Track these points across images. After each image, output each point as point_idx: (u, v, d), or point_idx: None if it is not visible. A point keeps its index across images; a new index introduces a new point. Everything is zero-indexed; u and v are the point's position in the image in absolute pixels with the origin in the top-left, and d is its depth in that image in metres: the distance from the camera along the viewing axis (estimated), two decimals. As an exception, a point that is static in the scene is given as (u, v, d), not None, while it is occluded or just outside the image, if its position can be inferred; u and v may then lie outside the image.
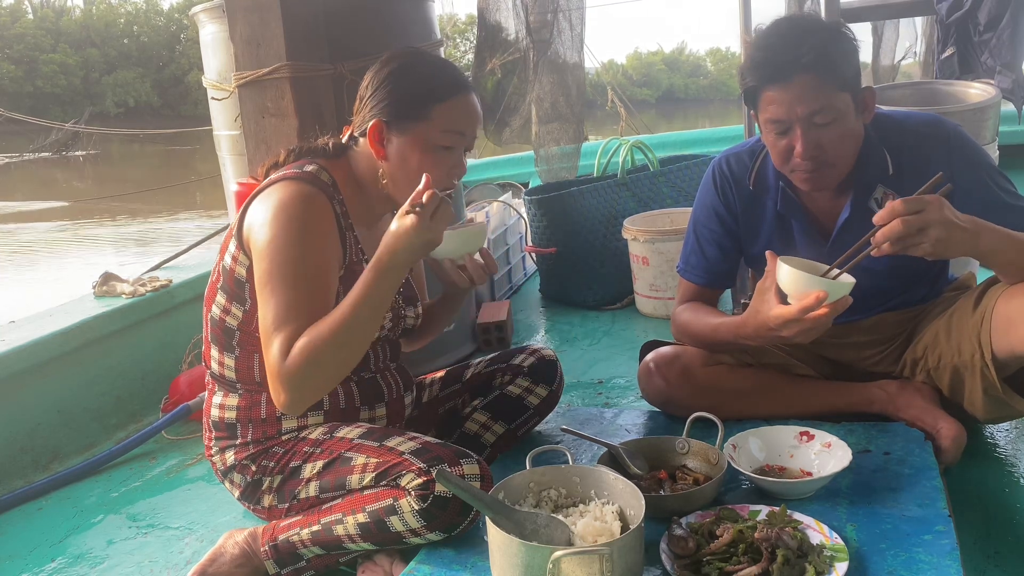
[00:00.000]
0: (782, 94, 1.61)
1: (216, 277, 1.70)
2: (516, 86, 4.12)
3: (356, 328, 1.46)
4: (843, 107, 1.62)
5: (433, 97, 1.60)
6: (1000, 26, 3.45)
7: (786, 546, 1.28)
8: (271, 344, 1.47)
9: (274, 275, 1.50)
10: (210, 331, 1.72)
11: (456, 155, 1.64)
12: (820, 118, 1.61)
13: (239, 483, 1.70)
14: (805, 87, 1.59)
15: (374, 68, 1.67)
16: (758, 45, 1.66)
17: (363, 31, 2.49)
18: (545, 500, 1.48)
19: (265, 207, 1.56)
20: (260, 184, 1.64)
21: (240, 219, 1.62)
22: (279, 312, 1.48)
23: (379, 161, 1.64)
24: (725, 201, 1.92)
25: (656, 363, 1.95)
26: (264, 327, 1.49)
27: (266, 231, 1.53)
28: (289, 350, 1.44)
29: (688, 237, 2.00)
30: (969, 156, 1.74)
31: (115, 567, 1.81)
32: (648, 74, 44.31)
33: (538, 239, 3.47)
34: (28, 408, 2.36)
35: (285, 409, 1.49)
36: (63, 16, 37.81)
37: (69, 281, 7.13)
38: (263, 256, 1.52)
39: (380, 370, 1.78)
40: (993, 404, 1.75)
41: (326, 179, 1.63)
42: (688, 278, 2.00)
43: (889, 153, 1.74)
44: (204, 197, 13.00)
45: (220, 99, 2.76)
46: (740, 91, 1.73)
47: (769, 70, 1.62)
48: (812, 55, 1.58)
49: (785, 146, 1.67)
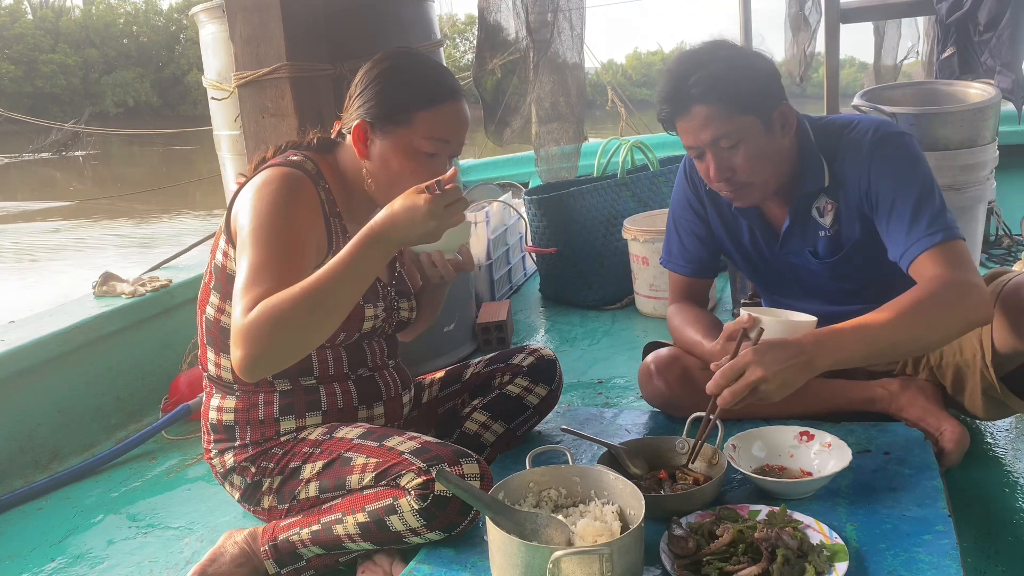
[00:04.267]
0: (684, 124, 1.70)
1: (208, 278, 1.70)
2: (516, 86, 4.12)
3: (334, 292, 1.38)
4: (747, 129, 1.66)
5: (417, 103, 1.59)
6: (1000, 26, 3.46)
7: (786, 546, 1.28)
8: (237, 304, 1.40)
9: (249, 239, 1.48)
10: (205, 333, 1.72)
11: (439, 161, 1.63)
12: (724, 142, 1.67)
13: (239, 485, 1.70)
14: (701, 117, 1.66)
15: (365, 67, 1.67)
16: (663, 78, 1.72)
17: (363, 31, 2.49)
18: (545, 500, 1.47)
19: (247, 191, 1.58)
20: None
21: (227, 214, 1.63)
22: (250, 273, 1.43)
23: (362, 161, 1.65)
24: (696, 193, 1.99)
25: (656, 365, 1.95)
26: (235, 289, 1.44)
27: (247, 207, 1.54)
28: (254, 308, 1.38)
29: (668, 228, 2.08)
30: (887, 164, 1.69)
31: (115, 567, 1.81)
32: (648, 74, 44.24)
33: (538, 239, 3.47)
34: (28, 408, 2.36)
35: (240, 368, 1.37)
36: (62, 16, 37.81)
37: (69, 281, 7.14)
38: (241, 229, 1.52)
39: (378, 368, 1.78)
40: (992, 404, 1.76)
41: (310, 167, 1.64)
42: (672, 269, 2.07)
43: (827, 161, 1.76)
44: (204, 197, 13.00)
45: (220, 99, 2.76)
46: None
47: (668, 105, 1.70)
48: (701, 86, 1.64)
49: (704, 169, 1.74)
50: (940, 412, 1.78)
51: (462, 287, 2.95)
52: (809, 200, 1.80)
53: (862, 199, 1.73)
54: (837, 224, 1.80)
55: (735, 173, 1.70)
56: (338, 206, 1.67)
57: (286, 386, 1.68)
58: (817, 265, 1.85)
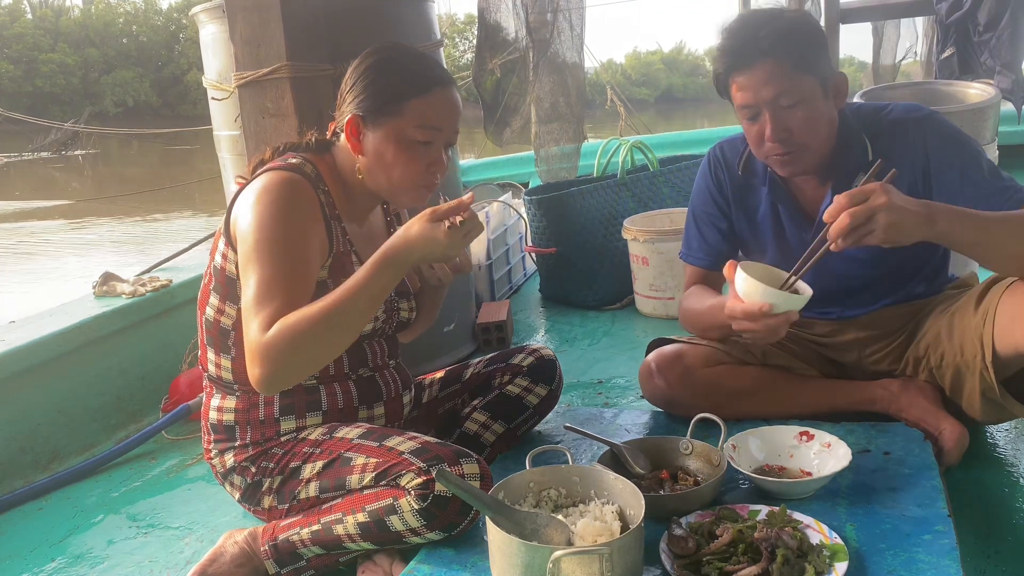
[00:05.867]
0: (747, 79, 1.67)
1: (208, 279, 1.70)
2: (516, 86, 4.12)
3: (349, 312, 1.44)
4: (808, 90, 1.66)
5: (407, 91, 1.60)
6: (1000, 26, 3.46)
7: (786, 546, 1.29)
8: (251, 321, 1.45)
9: (255, 253, 1.50)
10: (205, 334, 1.72)
11: (434, 150, 1.63)
12: (785, 100, 1.65)
13: (239, 485, 1.70)
14: (767, 71, 1.64)
15: (354, 64, 1.67)
16: (724, 34, 1.71)
17: (363, 31, 2.49)
18: (545, 500, 1.48)
19: (248, 196, 1.58)
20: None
21: (227, 216, 1.64)
22: (260, 289, 1.47)
23: (356, 156, 1.65)
24: (718, 185, 1.97)
25: (657, 364, 1.95)
26: (245, 304, 1.48)
27: (248, 214, 1.54)
28: (271, 326, 1.42)
29: (688, 223, 2.05)
30: (945, 136, 1.74)
31: (115, 567, 1.81)
32: (647, 74, 44.24)
33: (538, 239, 3.47)
34: (28, 408, 2.36)
35: (259, 384, 1.44)
36: (62, 16, 37.78)
37: (69, 281, 7.14)
38: (245, 238, 1.53)
39: (378, 368, 1.78)
40: (990, 407, 1.75)
41: (309, 170, 1.64)
42: (690, 262, 2.04)
43: (869, 140, 1.77)
44: (203, 197, 13.00)
45: (220, 99, 2.75)
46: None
47: (732, 57, 1.68)
48: (770, 40, 1.63)
49: (757, 131, 1.71)
50: (940, 412, 1.78)
51: (462, 287, 2.95)
52: (850, 178, 1.77)
53: (917, 176, 1.73)
54: None
55: (791, 134, 1.68)
56: (337, 208, 1.67)
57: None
58: (855, 249, 1.83)
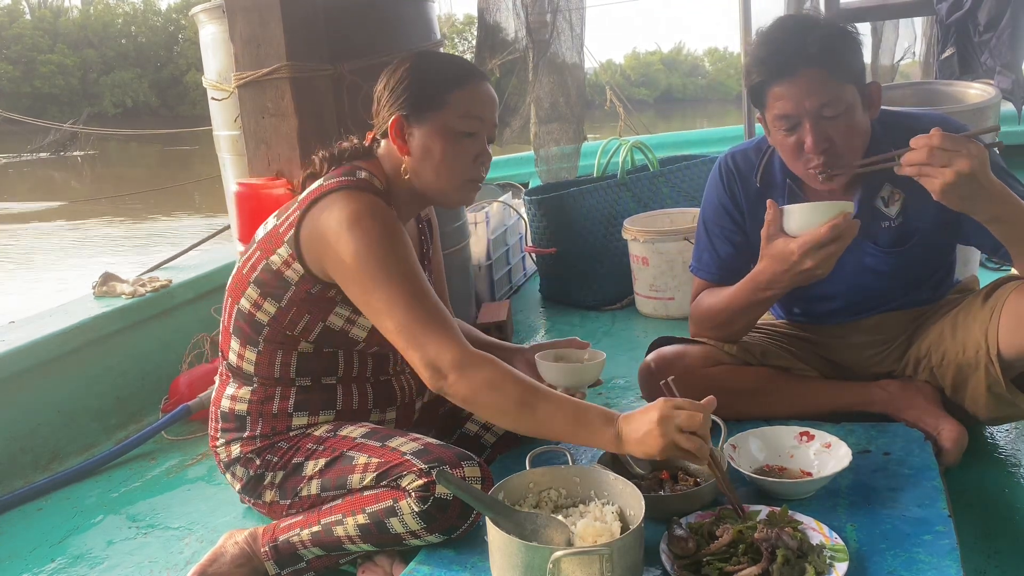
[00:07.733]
0: (789, 88, 1.62)
1: (249, 271, 1.66)
2: (515, 86, 4.12)
3: (543, 424, 1.48)
4: (850, 100, 1.63)
5: (449, 84, 1.62)
6: (1000, 26, 3.46)
7: (786, 546, 1.29)
8: (420, 359, 1.47)
9: (383, 293, 1.49)
10: (233, 322, 1.70)
11: (479, 142, 1.65)
12: (829, 111, 1.61)
13: (241, 476, 1.70)
14: (812, 80, 1.60)
15: (388, 70, 1.68)
16: (762, 42, 1.67)
17: (363, 31, 2.49)
18: (545, 500, 1.48)
19: (338, 223, 1.53)
20: (308, 192, 1.63)
21: (295, 223, 1.59)
22: (414, 327, 1.48)
23: (403, 157, 1.65)
24: (732, 197, 1.91)
25: (657, 364, 1.95)
26: (404, 339, 1.48)
27: (350, 248, 1.50)
28: (459, 361, 1.45)
29: (699, 236, 1.99)
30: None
31: (115, 567, 1.81)
32: (646, 74, 44.27)
33: (538, 239, 3.47)
34: (28, 408, 2.36)
35: (453, 394, 1.47)
36: (61, 17, 37.75)
37: (69, 281, 7.14)
38: (358, 271, 1.51)
39: (396, 374, 1.79)
40: (996, 402, 1.74)
41: (378, 185, 1.63)
42: (701, 276, 1.98)
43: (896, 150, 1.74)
44: (203, 197, 12.99)
45: (220, 99, 2.75)
46: (745, 89, 1.75)
47: (775, 65, 1.63)
48: (817, 48, 1.59)
49: (795, 142, 1.67)
50: (939, 412, 1.78)
51: (462, 287, 2.95)
52: (876, 189, 1.76)
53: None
54: (903, 215, 1.77)
55: (833, 144, 1.65)
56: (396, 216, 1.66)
57: (307, 382, 1.69)
58: (875, 258, 1.79)
